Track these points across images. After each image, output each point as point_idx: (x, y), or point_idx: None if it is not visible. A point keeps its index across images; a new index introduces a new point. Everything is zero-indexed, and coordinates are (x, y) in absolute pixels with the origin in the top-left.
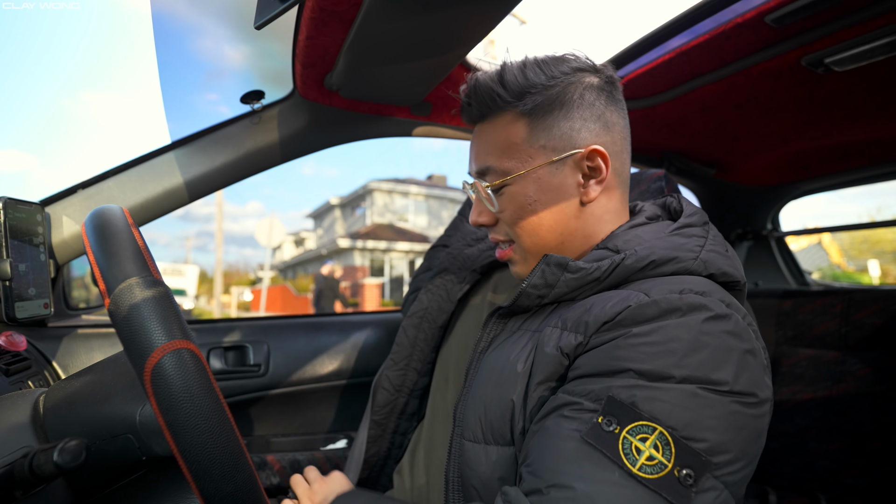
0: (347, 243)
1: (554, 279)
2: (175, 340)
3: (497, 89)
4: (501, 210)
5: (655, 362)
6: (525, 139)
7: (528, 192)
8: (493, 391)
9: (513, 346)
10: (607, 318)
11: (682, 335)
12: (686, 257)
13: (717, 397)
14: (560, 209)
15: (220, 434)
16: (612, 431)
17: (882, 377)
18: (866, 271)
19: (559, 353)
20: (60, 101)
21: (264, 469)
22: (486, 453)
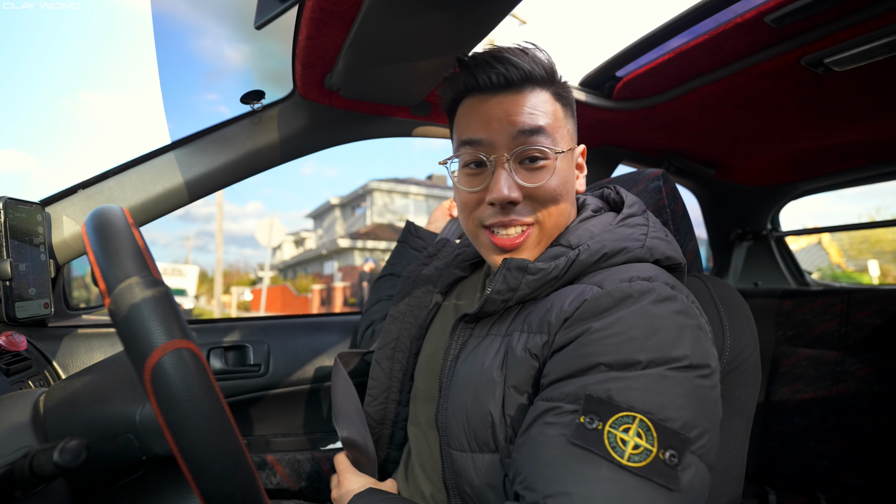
0: (347, 243)
1: (516, 283)
2: (175, 340)
3: (542, 63)
4: (541, 184)
5: (621, 352)
6: (563, 121)
7: (565, 171)
8: (472, 401)
9: (485, 352)
10: (567, 315)
11: (639, 321)
12: (633, 247)
13: (681, 375)
14: (571, 195)
15: (220, 434)
16: (596, 428)
17: (881, 377)
18: (866, 271)
19: (528, 354)
20: (60, 101)
21: (264, 469)
22: (474, 461)
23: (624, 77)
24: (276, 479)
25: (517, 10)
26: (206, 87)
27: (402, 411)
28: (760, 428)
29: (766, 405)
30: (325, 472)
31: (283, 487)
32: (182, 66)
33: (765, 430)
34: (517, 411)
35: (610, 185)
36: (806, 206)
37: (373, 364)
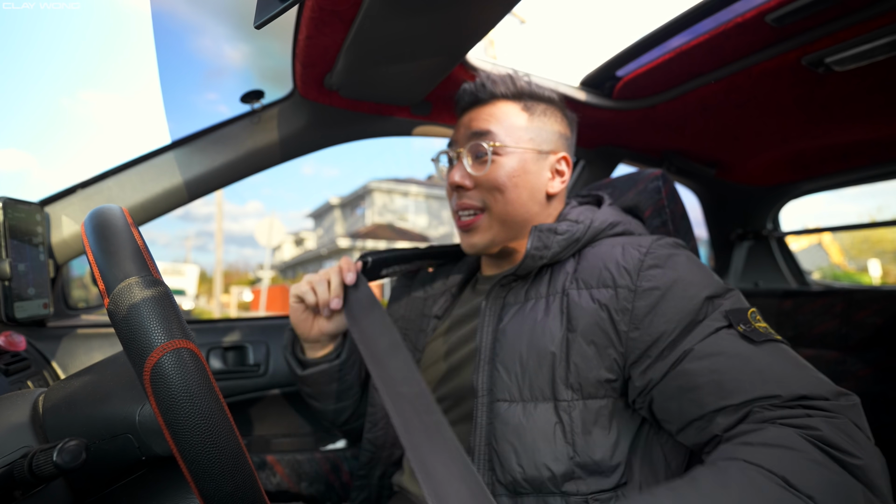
0: (347, 243)
1: (549, 241)
2: (175, 340)
3: (508, 83)
4: (486, 174)
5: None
6: (522, 126)
7: (513, 165)
8: (527, 350)
9: (532, 311)
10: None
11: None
12: (626, 221)
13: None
14: (532, 191)
15: (219, 434)
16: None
17: (882, 377)
18: (867, 271)
19: (598, 305)
20: (60, 101)
21: (264, 469)
22: (524, 409)
23: (624, 77)
24: (275, 480)
25: (517, 10)
26: (205, 87)
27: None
28: None
29: None
30: (325, 473)
31: (283, 488)
32: (182, 65)
33: None
34: (582, 358)
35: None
36: (806, 206)
37: (370, 390)
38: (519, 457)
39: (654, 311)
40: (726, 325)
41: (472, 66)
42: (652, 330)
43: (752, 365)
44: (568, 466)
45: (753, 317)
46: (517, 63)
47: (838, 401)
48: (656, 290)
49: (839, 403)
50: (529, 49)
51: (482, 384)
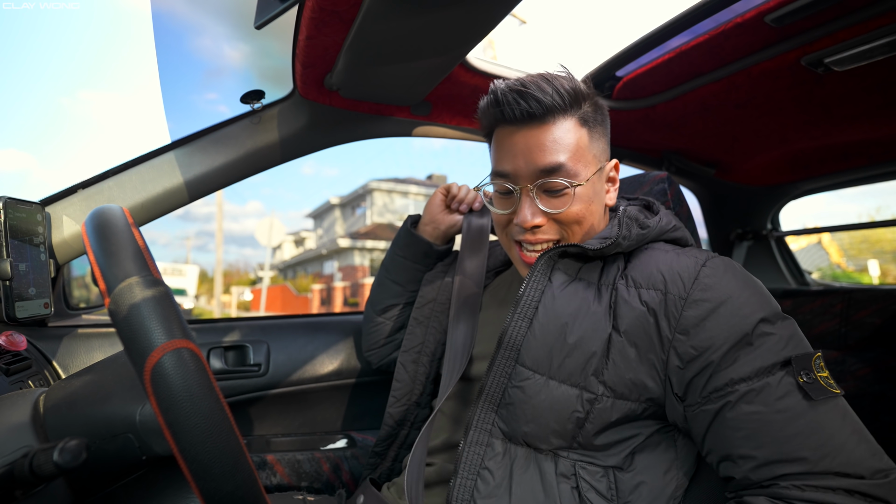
0: (347, 243)
1: (630, 231)
2: (175, 340)
3: (560, 92)
4: (563, 211)
5: (766, 307)
6: (587, 146)
7: (589, 194)
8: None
9: (584, 291)
10: (686, 278)
11: (750, 280)
12: (679, 226)
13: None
14: (600, 209)
15: (219, 433)
16: (814, 379)
17: (881, 377)
18: (866, 271)
19: (644, 307)
20: (60, 101)
21: (264, 469)
22: (548, 386)
23: (624, 77)
24: (275, 479)
25: (517, 10)
26: (205, 87)
27: (421, 413)
28: None
29: None
30: (324, 472)
31: (283, 488)
32: (182, 65)
33: None
34: (622, 357)
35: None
36: (806, 206)
37: (398, 366)
38: (527, 423)
39: (704, 322)
40: (786, 368)
41: (472, 67)
42: (698, 341)
43: (798, 424)
44: (569, 443)
45: (817, 364)
46: (517, 63)
47: (874, 479)
48: (708, 302)
49: (874, 482)
50: (529, 49)
51: (512, 338)
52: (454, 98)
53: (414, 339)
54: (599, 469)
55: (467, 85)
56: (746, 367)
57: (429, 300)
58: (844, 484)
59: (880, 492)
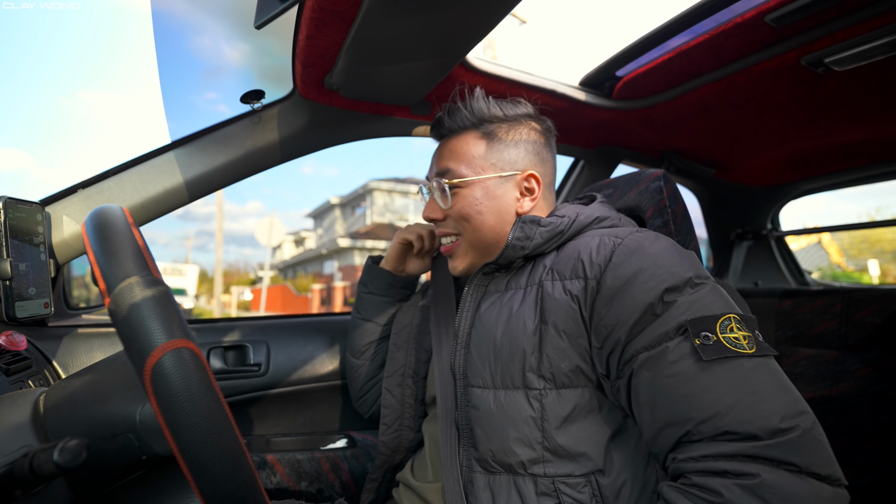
0: (347, 243)
1: (531, 232)
2: (175, 339)
3: (465, 113)
4: (452, 206)
5: (675, 276)
6: (482, 155)
7: (475, 195)
8: (501, 339)
9: (510, 301)
10: (602, 261)
11: (670, 252)
12: (614, 217)
13: (717, 284)
14: (500, 214)
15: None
16: (714, 339)
17: (881, 377)
18: (866, 271)
19: (569, 297)
20: (60, 101)
21: (264, 469)
22: (495, 397)
23: (624, 77)
24: (275, 479)
25: (517, 10)
26: (205, 87)
27: (415, 437)
28: None
29: None
30: (325, 472)
31: (283, 487)
32: (182, 65)
33: None
34: (555, 349)
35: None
36: (806, 206)
37: (384, 392)
38: (490, 440)
39: (612, 300)
40: (681, 334)
41: (472, 66)
42: (609, 319)
43: (689, 386)
44: (538, 452)
45: (725, 325)
46: (517, 63)
47: (772, 439)
48: (617, 279)
49: (771, 443)
50: (529, 49)
51: (458, 367)
52: (454, 97)
53: (396, 363)
54: (580, 479)
55: (467, 85)
56: (647, 336)
57: (405, 325)
58: (739, 448)
59: (778, 453)
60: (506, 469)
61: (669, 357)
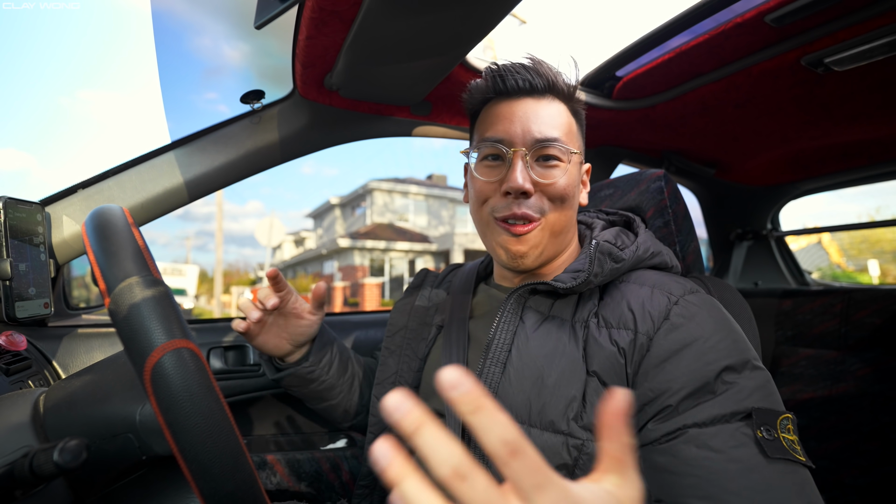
0: (347, 243)
1: (603, 267)
2: (175, 340)
3: (562, 82)
4: (554, 182)
5: (736, 353)
6: (576, 134)
7: (576, 176)
8: (550, 376)
9: (558, 331)
10: (657, 317)
11: (726, 323)
12: (664, 251)
13: (764, 369)
14: (576, 203)
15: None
16: (775, 437)
17: (881, 377)
18: (866, 271)
19: (615, 347)
20: (59, 101)
21: (264, 469)
22: (530, 435)
23: (624, 77)
24: (275, 479)
25: (517, 10)
26: (205, 87)
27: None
28: None
29: None
30: (325, 472)
31: (283, 487)
32: (182, 65)
33: None
34: (598, 398)
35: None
36: (806, 206)
37: (372, 400)
38: None
39: (664, 364)
40: (742, 420)
41: (472, 66)
42: (656, 383)
43: (747, 480)
44: None
45: (784, 425)
46: None
47: None
48: (672, 343)
49: None
50: (529, 49)
51: (487, 384)
52: (454, 98)
53: (387, 370)
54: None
55: (467, 85)
56: (702, 413)
57: (400, 327)
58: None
59: None
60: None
61: (729, 440)
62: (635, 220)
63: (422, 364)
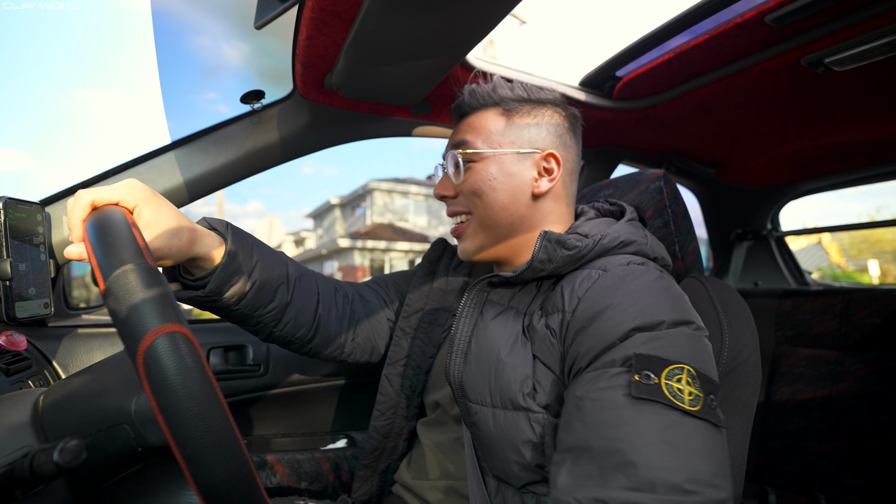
0: (347, 243)
1: (554, 254)
2: (169, 324)
3: (489, 90)
4: (464, 181)
5: (645, 315)
6: (500, 131)
7: (490, 170)
8: (503, 361)
9: (514, 320)
10: (580, 295)
11: (650, 289)
12: (641, 241)
13: (697, 334)
14: (514, 194)
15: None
16: (653, 382)
17: (881, 377)
18: (866, 271)
19: (548, 330)
20: (59, 100)
21: (264, 469)
22: (494, 415)
23: (624, 77)
24: (276, 480)
25: (517, 10)
26: (205, 87)
27: (408, 426)
28: (760, 428)
29: (767, 405)
30: (325, 473)
31: (283, 488)
32: (182, 65)
33: (765, 430)
34: (545, 379)
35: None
36: (806, 206)
37: (382, 379)
38: (492, 459)
39: (579, 333)
40: (623, 365)
41: (472, 66)
42: (572, 351)
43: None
44: (539, 475)
45: (673, 374)
46: (517, 63)
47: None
48: (587, 313)
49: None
50: (529, 49)
51: (455, 377)
52: (454, 98)
53: (400, 352)
54: None
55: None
56: (597, 362)
57: (416, 310)
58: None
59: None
60: (510, 484)
61: (602, 382)
62: (627, 211)
63: (435, 351)
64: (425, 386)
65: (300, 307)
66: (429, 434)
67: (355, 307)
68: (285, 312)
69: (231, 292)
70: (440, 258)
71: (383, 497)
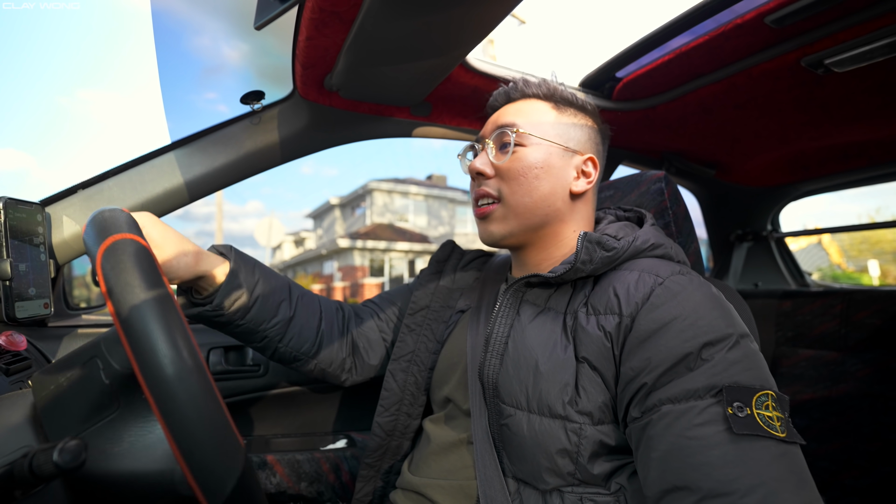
0: (347, 243)
1: (594, 255)
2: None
3: (541, 84)
4: (510, 162)
5: (716, 330)
6: (550, 122)
7: (537, 157)
8: (545, 366)
9: (552, 322)
10: (639, 300)
11: (710, 301)
12: (668, 245)
13: (754, 346)
14: (554, 186)
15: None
16: (748, 414)
17: (881, 378)
18: (866, 272)
19: (602, 332)
20: (58, 100)
21: (264, 469)
22: (529, 420)
23: (624, 78)
24: (275, 480)
25: (517, 10)
26: (205, 87)
27: (412, 423)
28: None
29: None
30: (325, 473)
31: (283, 488)
32: (182, 65)
33: None
34: (591, 384)
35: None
36: (806, 207)
37: (387, 375)
38: (521, 462)
39: (644, 343)
40: (713, 396)
41: (472, 67)
42: (636, 362)
43: (706, 456)
44: (568, 480)
45: (761, 401)
46: (517, 64)
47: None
48: (652, 322)
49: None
50: (529, 50)
51: (489, 378)
52: (454, 98)
53: (404, 348)
54: (609, 498)
55: (467, 85)
56: (674, 389)
57: (422, 307)
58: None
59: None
60: (534, 485)
61: (696, 419)
62: (647, 217)
63: (439, 347)
64: (430, 382)
65: (303, 322)
66: (436, 431)
67: (354, 324)
68: (289, 327)
69: (236, 306)
70: (448, 259)
71: (386, 498)
